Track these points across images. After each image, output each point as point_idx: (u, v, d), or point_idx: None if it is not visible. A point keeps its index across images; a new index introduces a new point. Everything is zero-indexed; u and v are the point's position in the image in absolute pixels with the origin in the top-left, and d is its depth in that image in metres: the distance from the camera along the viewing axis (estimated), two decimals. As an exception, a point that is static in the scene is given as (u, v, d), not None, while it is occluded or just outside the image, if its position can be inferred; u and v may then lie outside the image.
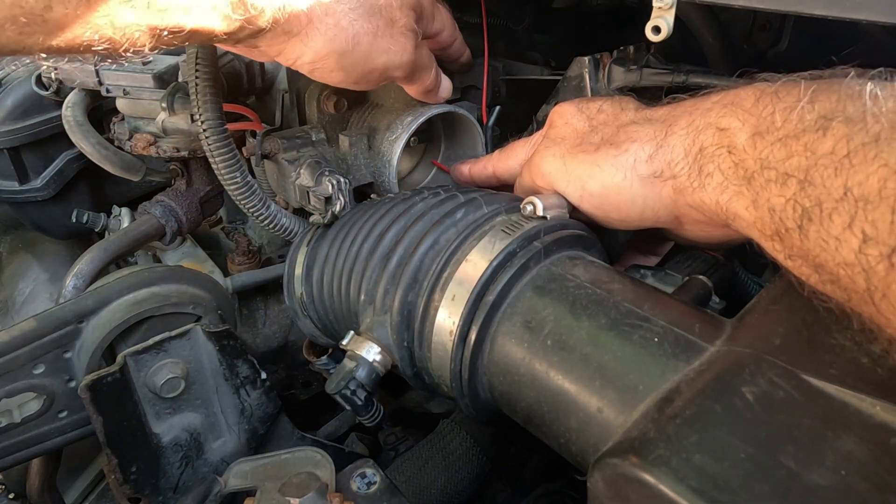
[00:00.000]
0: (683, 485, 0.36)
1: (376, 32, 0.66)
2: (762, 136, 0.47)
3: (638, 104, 0.66)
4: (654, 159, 0.57)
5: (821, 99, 0.44)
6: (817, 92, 0.45)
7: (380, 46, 0.67)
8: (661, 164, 0.57)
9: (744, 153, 0.48)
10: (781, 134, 0.45)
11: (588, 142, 0.64)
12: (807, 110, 0.44)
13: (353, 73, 0.68)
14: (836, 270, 0.40)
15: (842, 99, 0.42)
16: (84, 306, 0.71)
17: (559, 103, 0.71)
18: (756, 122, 0.48)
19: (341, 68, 0.66)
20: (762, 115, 0.48)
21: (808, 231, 0.42)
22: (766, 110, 0.48)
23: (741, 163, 0.49)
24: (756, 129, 0.48)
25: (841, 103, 0.42)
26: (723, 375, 0.42)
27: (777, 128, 0.46)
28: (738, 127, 0.50)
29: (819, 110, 0.43)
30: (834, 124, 0.41)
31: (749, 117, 0.49)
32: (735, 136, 0.50)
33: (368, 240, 0.69)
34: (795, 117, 0.45)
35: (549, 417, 0.51)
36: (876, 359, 0.40)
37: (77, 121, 1.00)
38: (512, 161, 0.77)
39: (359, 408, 0.64)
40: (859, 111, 0.40)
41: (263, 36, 0.59)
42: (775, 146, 0.45)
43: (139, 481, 0.69)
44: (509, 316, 0.56)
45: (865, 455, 0.35)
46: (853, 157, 0.39)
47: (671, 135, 0.56)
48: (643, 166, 0.58)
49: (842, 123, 0.41)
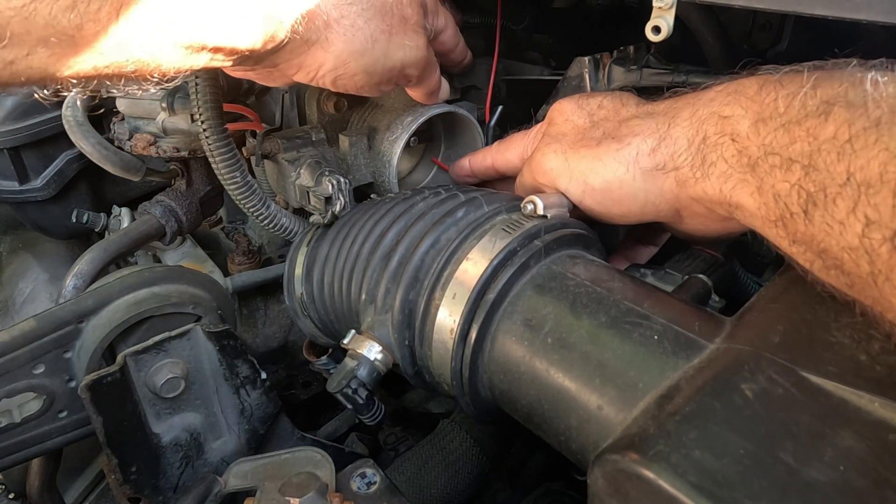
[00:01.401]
0: (683, 480, 0.36)
1: (391, 30, 0.66)
2: (765, 123, 0.47)
3: (638, 99, 0.66)
4: (657, 152, 0.57)
5: (823, 85, 0.44)
6: (820, 79, 0.45)
7: (396, 43, 0.67)
8: (664, 157, 0.57)
9: (747, 140, 0.49)
10: (784, 120, 0.45)
11: (589, 137, 0.64)
12: (809, 96, 0.44)
13: (374, 75, 0.68)
14: (840, 255, 0.41)
15: (844, 85, 0.43)
16: (84, 306, 0.71)
17: (559, 100, 0.71)
18: (759, 109, 0.48)
19: (363, 70, 0.66)
20: (765, 102, 0.48)
21: (814, 216, 0.42)
22: (769, 97, 0.48)
23: (745, 150, 0.49)
24: (759, 115, 0.48)
25: (843, 89, 0.42)
26: (722, 373, 0.42)
27: (780, 114, 0.46)
28: (740, 114, 0.50)
29: (821, 96, 0.44)
30: (836, 109, 0.42)
31: (752, 104, 0.49)
32: (738, 124, 0.50)
33: (369, 239, 0.69)
34: (798, 103, 0.45)
35: (550, 415, 0.52)
36: (874, 356, 0.40)
37: (77, 121, 1.00)
38: (510, 154, 0.78)
39: (360, 407, 0.64)
40: (860, 97, 0.41)
41: (283, 49, 0.59)
42: (778, 132, 0.45)
43: (139, 481, 0.69)
44: (510, 314, 0.56)
45: (864, 451, 0.35)
46: (855, 142, 0.39)
47: (674, 126, 0.56)
48: (646, 159, 0.58)
49: (843, 108, 0.41)
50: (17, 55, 0.43)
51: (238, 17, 0.52)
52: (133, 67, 0.49)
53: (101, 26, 0.44)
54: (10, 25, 0.41)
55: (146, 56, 0.49)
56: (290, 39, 0.58)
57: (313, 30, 0.60)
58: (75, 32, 0.44)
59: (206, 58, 0.53)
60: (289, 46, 0.59)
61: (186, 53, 0.51)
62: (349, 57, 0.64)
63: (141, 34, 0.47)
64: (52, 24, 0.42)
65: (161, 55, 0.49)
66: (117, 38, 0.46)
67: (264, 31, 0.55)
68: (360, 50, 0.64)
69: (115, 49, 0.47)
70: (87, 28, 0.44)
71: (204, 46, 0.51)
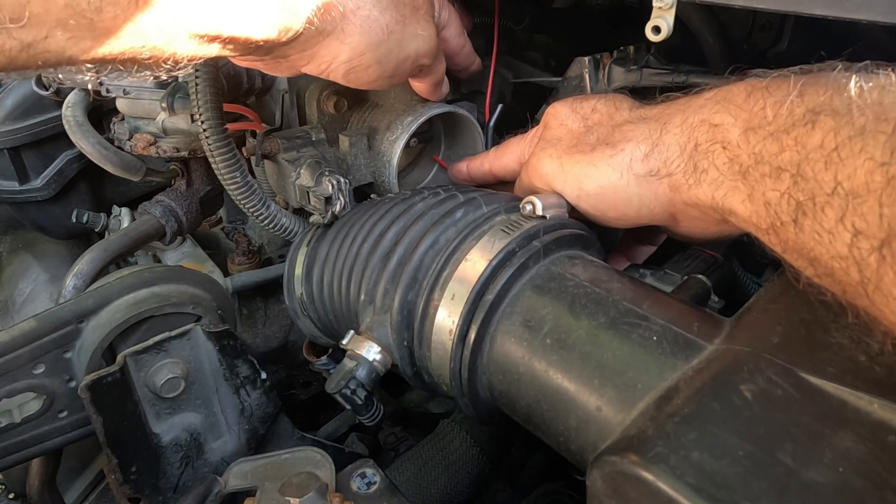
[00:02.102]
0: (682, 482, 0.36)
1: (405, 20, 0.66)
2: (754, 131, 0.47)
3: (632, 103, 0.66)
4: (650, 158, 0.57)
5: (809, 92, 0.44)
6: (806, 86, 0.45)
7: (410, 32, 0.67)
8: (657, 163, 0.57)
9: (738, 148, 0.49)
10: (773, 128, 0.45)
11: (584, 142, 0.64)
12: (796, 104, 0.44)
13: (388, 66, 0.67)
14: (830, 263, 0.41)
15: (829, 92, 0.43)
16: (84, 306, 0.71)
17: (553, 103, 0.71)
18: (748, 117, 0.48)
19: (377, 61, 0.65)
20: (753, 110, 0.48)
21: (803, 225, 0.42)
22: (757, 105, 0.48)
23: (735, 158, 0.49)
24: (748, 123, 0.48)
25: (828, 96, 0.42)
26: (721, 374, 0.42)
27: (768, 122, 0.46)
28: (730, 122, 0.50)
29: (807, 104, 0.44)
30: (821, 118, 0.42)
31: (741, 112, 0.49)
32: (728, 132, 0.50)
33: (368, 240, 0.69)
34: (785, 111, 0.45)
35: (549, 416, 0.52)
36: (873, 357, 0.40)
37: (77, 121, 1.00)
38: (507, 158, 0.77)
39: (359, 407, 0.64)
40: (845, 104, 0.41)
41: (296, 41, 0.58)
42: (767, 140, 0.46)
43: (139, 481, 0.69)
44: (509, 315, 0.56)
45: (863, 452, 0.35)
46: (841, 151, 0.39)
47: (666, 133, 0.57)
48: (639, 165, 0.58)
49: (829, 117, 0.41)
50: (35, 37, 0.42)
51: (255, 7, 0.52)
52: (148, 54, 0.49)
53: (121, 10, 0.44)
54: (30, 5, 0.41)
55: (162, 43, 0.48)
56: (304, 31, 0.57)
57: (329, 21, 0.59)
58: (94, 16, 0.43)
59: (219, 47, 0.53)
60: (302, 37, 0.58)
61: (201, 42, 0.51)
62: (366, 48, 0.63)
63: (159, 21, 0.47)
64: (72, 6, 0.42)
65: (177, 43, 0.49)
66: (136, 23, 0.46)
67: (280, 22, 0.54)
68: (376, 41, 0.63)
69: (133, 34, 0.46)
70: (106, 12, 0.44)
71: (219, 36, 0.51)
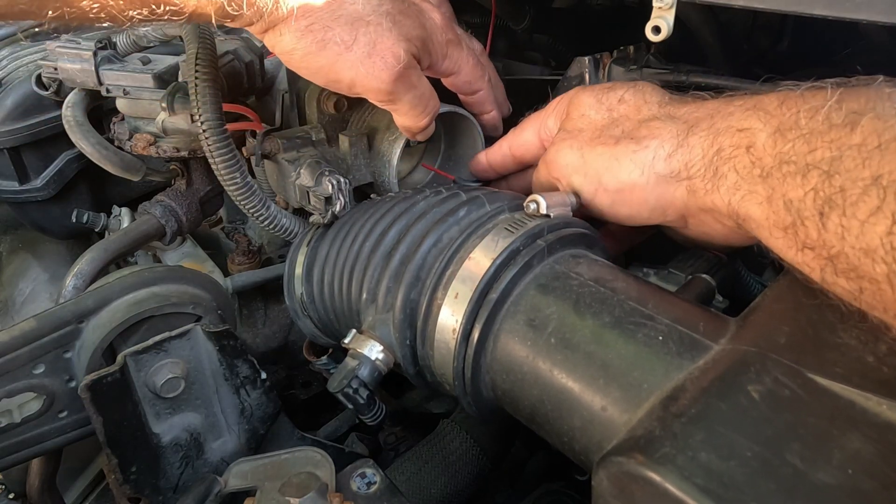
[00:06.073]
0: (689, 483, 0.36)
1: (350, 47, 0.64)
2: (783, 134, 0.47)
3: (661, 96, 0.64)
4: (673, 158, 0.57)
5: (848, 100, 0.44)
6: (844, 94, 0.45)
7: (347, 60, 0.65)
8: (679, 164, 0.56)
9: (762, 151, 0.49)
10: (805, 131, 0.46)
11: (607, 134, 0.63)
12: (833, 110, 0.45)
13: (318, 76, 0.68)
14: (854, 257, 0.40)
15: (870, 100, 0.43)
16: (84, 306, 0.71)
17: (577, 91, 0.70)
18: (778, 123, 0.48)
19: (306, 66, 0.66)
20: (785, 117, 0.48)
21: (829, 218, 0.42)
22: (790, 111, 0.48)
23: (758, 161, 0.49)
24: (778, 127, 0.48)
25: (870, 103, 0.43)
26: (728, 374, 0.42)
27: (800, 126, 0.46)
28: (759, 127, 0.50)
29: (847, 109, 0.44)
30: (864, 120, 0.42)
31: (771, 118, 0.49)
32: (755, 136, 0.50)
33: (370, 238, 0.69)
34: (821, 117, 0.45)
35: (553, 416, 0.51)
36: (881, 357, 0.40)
37: (77, 121, 1.00)
38: (526, 133, 0.76)
39: (361, 406, 0.64)
40: (889, 111, 0.41)
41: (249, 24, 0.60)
42: (797, 142, 0.46)
43: (139, 481, 0.69)
44: (512, 314, 0.56)
45: (872, 453, 0.35)
46: (884, 149, 0.40)
47: (692, 135, 0.56)
48: (661, 164, 0.58)
49: (872, 119, 0.42)
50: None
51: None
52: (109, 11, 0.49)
53: None
54: None
55: None
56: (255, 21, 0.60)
57: (272, 19, 0.61)
58: None
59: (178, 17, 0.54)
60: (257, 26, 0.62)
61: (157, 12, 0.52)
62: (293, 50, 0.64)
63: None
64: None
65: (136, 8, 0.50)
66: None
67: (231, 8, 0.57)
68: (305, 49, 0.64)
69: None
70: None
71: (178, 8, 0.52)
